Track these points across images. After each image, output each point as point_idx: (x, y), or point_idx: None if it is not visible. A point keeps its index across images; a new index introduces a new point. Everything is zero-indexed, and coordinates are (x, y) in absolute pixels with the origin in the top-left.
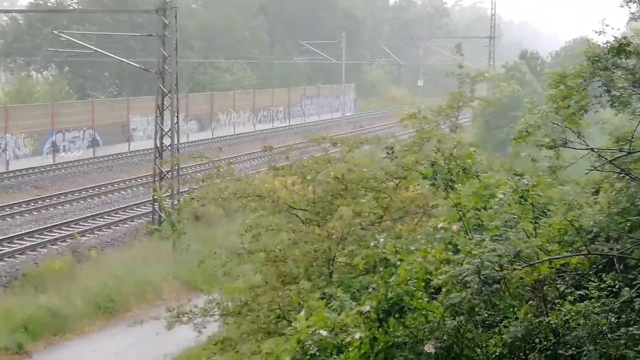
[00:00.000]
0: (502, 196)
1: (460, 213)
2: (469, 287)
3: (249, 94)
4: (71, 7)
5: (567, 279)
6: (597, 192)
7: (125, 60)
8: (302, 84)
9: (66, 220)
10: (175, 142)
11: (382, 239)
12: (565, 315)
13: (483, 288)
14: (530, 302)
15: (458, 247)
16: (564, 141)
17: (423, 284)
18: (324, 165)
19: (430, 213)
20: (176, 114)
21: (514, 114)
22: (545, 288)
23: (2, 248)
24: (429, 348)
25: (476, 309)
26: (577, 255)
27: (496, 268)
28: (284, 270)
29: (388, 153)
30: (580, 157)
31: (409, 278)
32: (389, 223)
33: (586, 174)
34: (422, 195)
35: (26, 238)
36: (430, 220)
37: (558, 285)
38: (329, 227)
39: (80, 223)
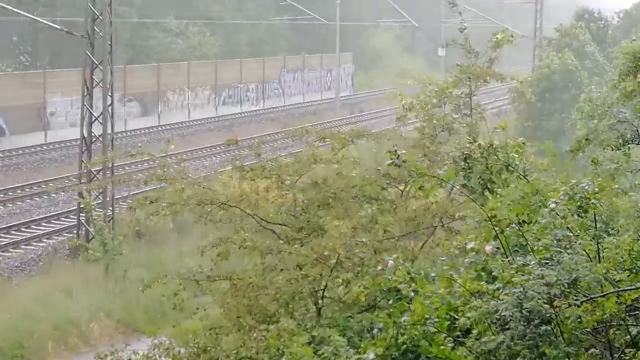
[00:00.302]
0: (554, 205)
1: (496, 228)
2: (509, 329)
3: (209, 66)
4: None
5: None
6: None
7: (40, 19)
8: (281, 53)
9: None
10: (109, 131)
11: (391, 261)
12: None
13: (527, 329)
14: (592, 350)
15: (494, 275)
16: (636, 136)
17: (447, 323)
18: (308, 166)
19: (450, 227)
20: (110, 93)
21: (570, 95)
22: (612, 331)
23: None
24: None
25: (518, 358)
26: None
27: (545, 301)
28: (257, 305)
29: (392, 158)
30: None
31: (427, 316)
32: (392, 242)
33: None
34: (438, 204)
35: None
36: (453, 237)
37: (629, 327)
38: (318, 247)
39: None
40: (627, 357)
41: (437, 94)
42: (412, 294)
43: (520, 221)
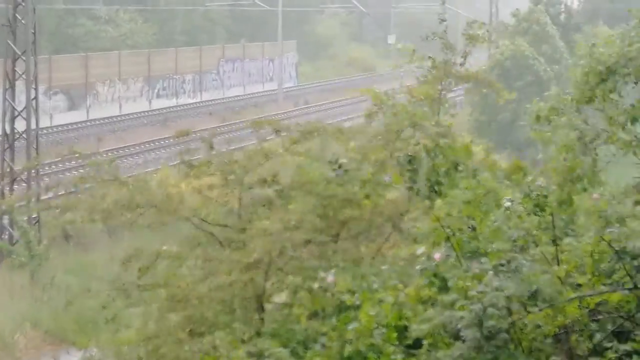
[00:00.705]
0: (509, 204)
1: (448, 230)
2: (464, 341)
3: (141, 55)
4: None
5: (604, 323)
6: None
7: None
8: (219, 42)
9: None
10: (33, 126)
11: (330, 277)
12: None
13: (485, 343)
14: (553, 358)
15: (447, 282)
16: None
17: (395, 334)
18: (259, 162)
19: (404, 227)
20: (34, 86)
21: (525, 82)
22: (574, 338)
23: None
24: None
25: None
26: (618, 290)
27: (504, 315)
28: (192, 315)
29: (334, 169)
30: (622, 150)
31: (375, 326)
32: (346, 243)
33: (635, 178)
34: (392, 202)
35: None
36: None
37: (592, 334)
38: (249, 250)
39: None
40: None
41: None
42: (358, 302)
43: (471, 225)
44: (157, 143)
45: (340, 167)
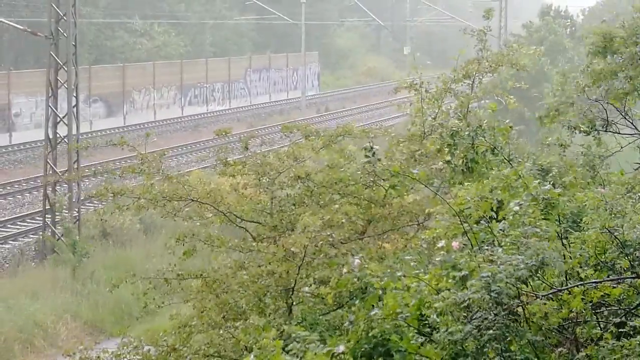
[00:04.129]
0: (517, 208)
1: (465, 224)
2: (475, 318)
3: (174, 66)
4: None
5: (606, 314)
6: None
7: (4, 20)
8: (246, 53)
9: None
10: (74, 131)
11: (357, 260)
12: None
13: (495, 318)
14: (560, 348)
15: (462, 271)
16: (606, 123)
17: (416, 321)
18: (289, 164)
19: (427, 226)
20: (75, 94)
21: (538, 91)
22: (578, 329)
23: None
24: None
25: (485, 349)
26: (620, 281)
27: (513, 286)
28: (226, 302)
29: (367, 155)
30: (627, 144)
31: (399, 310)
32: (371, 240)
33: (636, 169)
34: (416, 203)
35: None
36: (423, 233)
37: (595, 323)
38: (286, 244)
39: None
40: (594, 353)
41: (437, 92)
42: (381, 291)
43: (488, 217)
44: (189, 147)
45: (374, 153)
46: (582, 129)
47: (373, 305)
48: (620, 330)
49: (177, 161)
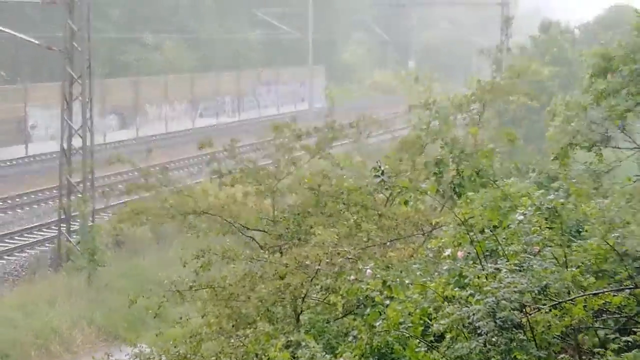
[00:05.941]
0: (521, 217)
1: (470, 234)
2: (481, 335)
3: (186, 79)
4: None
5: (609, 322)
6: None
7: (20, 34)
8: (256, 67)
9: None
10: (88, 143)
11: (368, 270)
12: None
13: (499, 336)
14: (562, 356)
15: (466, 280)
16: (606, 139)
17: (420, 329)
18: (287, 170)
19: (432, 236)
20: (89, 107)
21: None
22: (580, 336)
23: None
24: None
25: None
26: (621, 291)
27: (516, 308)
28: (237, 312)
29: (377, 175)
30: (627, 158)
31: (401, 321)
32: (376, 249)
33: (634, 181)
34: (420, 213)
35: None
36: (430, 243)
37: (597, 331)
38: (300, 256)
39: None
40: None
41: (452, 107)
42: (387, 301)
43: (492, 226)
44: (200, 158)
45: (383, 173)
46: (582, 145)
47: (377, 318)
48: (622, 337)
49: (189, 171)
